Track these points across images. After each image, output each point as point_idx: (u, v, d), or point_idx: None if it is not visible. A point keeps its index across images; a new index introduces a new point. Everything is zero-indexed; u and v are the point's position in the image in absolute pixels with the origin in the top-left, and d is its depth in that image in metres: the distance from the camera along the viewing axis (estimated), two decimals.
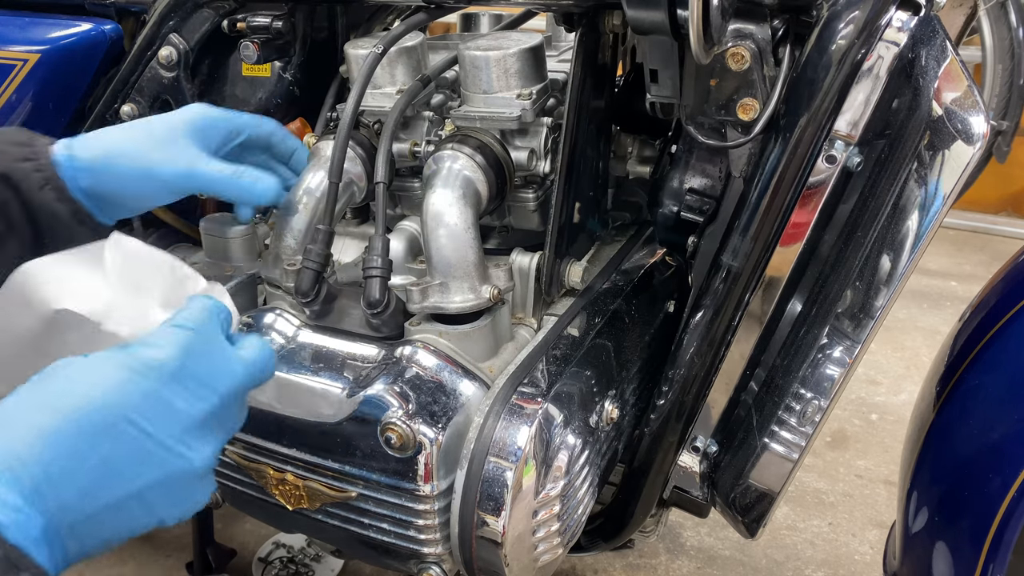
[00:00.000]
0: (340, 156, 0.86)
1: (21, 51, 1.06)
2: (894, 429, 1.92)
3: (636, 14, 0.74)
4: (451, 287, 0.84)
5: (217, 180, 0.81)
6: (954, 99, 0.76)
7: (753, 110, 0.81)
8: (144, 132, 0.82)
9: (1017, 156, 2.59)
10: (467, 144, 0.88)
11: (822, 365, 0.87)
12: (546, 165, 0.94)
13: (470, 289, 0.84)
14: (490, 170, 0.88)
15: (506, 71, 0.90)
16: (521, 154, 0.92)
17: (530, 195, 0.95)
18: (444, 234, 0.84)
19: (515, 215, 0.98)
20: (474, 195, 0.87)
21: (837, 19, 0.75)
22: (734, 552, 1.57)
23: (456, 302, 0.84)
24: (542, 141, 0.93)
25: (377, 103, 0.97)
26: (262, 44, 1.03)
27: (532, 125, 0.92)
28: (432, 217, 0.85)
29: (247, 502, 0.94)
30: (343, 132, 0.86)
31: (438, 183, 0.86)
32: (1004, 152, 2.41)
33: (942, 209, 0.78)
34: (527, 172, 0.93)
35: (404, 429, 0.78)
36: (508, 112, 0.90)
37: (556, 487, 0.81)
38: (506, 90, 0.91)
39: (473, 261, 0.84)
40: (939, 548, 0.86)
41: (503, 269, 0.88)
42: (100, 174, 0.79)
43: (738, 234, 0.84)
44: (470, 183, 0.87)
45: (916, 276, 0.98)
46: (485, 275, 0.86)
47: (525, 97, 0.90)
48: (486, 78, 0.91)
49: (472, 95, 0.92)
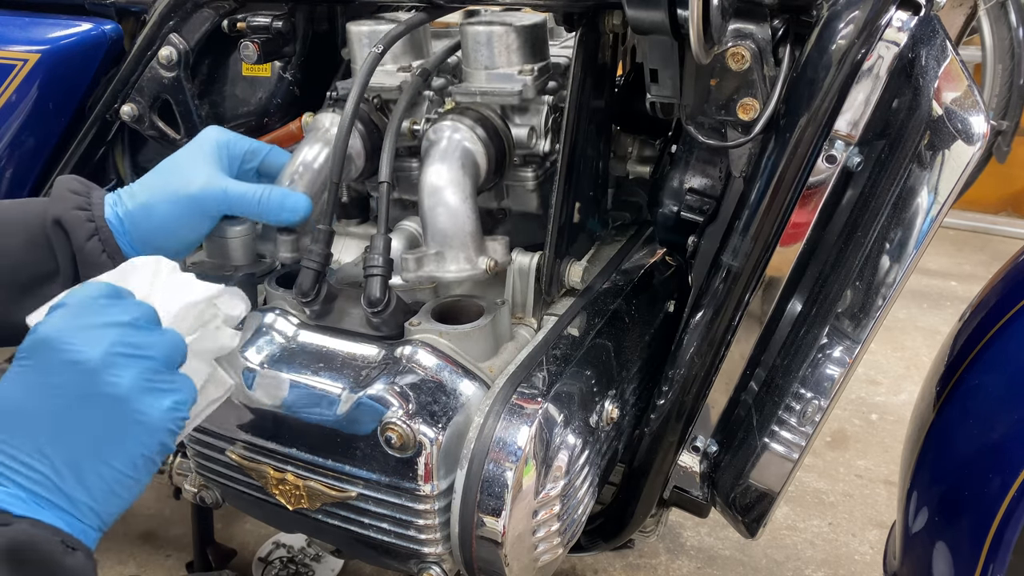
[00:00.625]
0: (340, 156, 0.85)
1: (21, 51, 1.06)
2: (894, 429, 1.92)
3: (636, 14, 0.74)
4: (447, 256, 0.83)
5: (246, 199, 0.83)
6: (954, 99, 0.76)
7: (753, 110, 0.81)
8: (174, 167, 0.84)
9: (1017, 156, 2.59)
10: (467, 116, 0.88)
11: (822, 365, 0.87)
12: (546, 144, 0.94)
13: (466, 259, 0.84)
14: (490, 143, 0.88)
15: (508, 47, 0.90)
16: (521, 131, 0.92)
17: (529, 174, 0.95)
18: (441, 203, 0.83)
19: (513, 196, 0.97)
20: (473, 166, 0.86)
21: (837, 19, 0.75)
22: (734, 552, 1.57)
23: (451, 271, 0.83)
24: (543, 119, 0.93)
25: (377, 80, 0.96)
26: (262, 44, 1.03)
27: (533, 103, 0.92)
28: (429, 185, 0.84)
29: (247, 502, 0.94)
30: (343, 132, 0.86)
31: (437, 152, 0.86)
32: (1004, 152, 2.41)
33: (942, 209, 0.78)
34: (527, 150, 0.93)
35: (404, 429, 0.78)
36: (510, 87, 0.90)
37: (556, 487, 0.81)
38: (507, 66, 0.91)
39: (470, 231, 0.84)
40: (939, 548, 0.86)
41: (501, 242, 0.87)
42: (143, 220, 0.82)
43: (738, 234, 0.84)
44: (469, 154, 0.86)
45: (916, 276, 0.98)
46: (482, 246, 0.85)
47: (527, 73, 0.90)
48: (488, 53, 0.90)
49: (473, 71, 0.92)
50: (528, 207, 0.97)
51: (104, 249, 0.80)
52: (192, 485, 1.06)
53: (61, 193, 0.82)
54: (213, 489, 0.97)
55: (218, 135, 0.86)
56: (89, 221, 0.81)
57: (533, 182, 0.95)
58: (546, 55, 0.95)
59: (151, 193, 0.83)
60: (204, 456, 0.93)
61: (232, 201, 0.83)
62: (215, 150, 0.85)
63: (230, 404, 0.86)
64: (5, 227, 0.80)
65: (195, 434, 0.92)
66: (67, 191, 0.82)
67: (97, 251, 0.80)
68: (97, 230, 0.81)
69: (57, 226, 0.80)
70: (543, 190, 0.96)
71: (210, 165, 0.83)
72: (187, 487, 1.12)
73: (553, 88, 0.95)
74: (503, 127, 0.90)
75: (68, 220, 0.80)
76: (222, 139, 0.86)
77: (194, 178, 0.82)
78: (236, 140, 0.87)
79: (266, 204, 0.83)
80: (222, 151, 0.85)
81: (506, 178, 0.94)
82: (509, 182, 0.95)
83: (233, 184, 0.83)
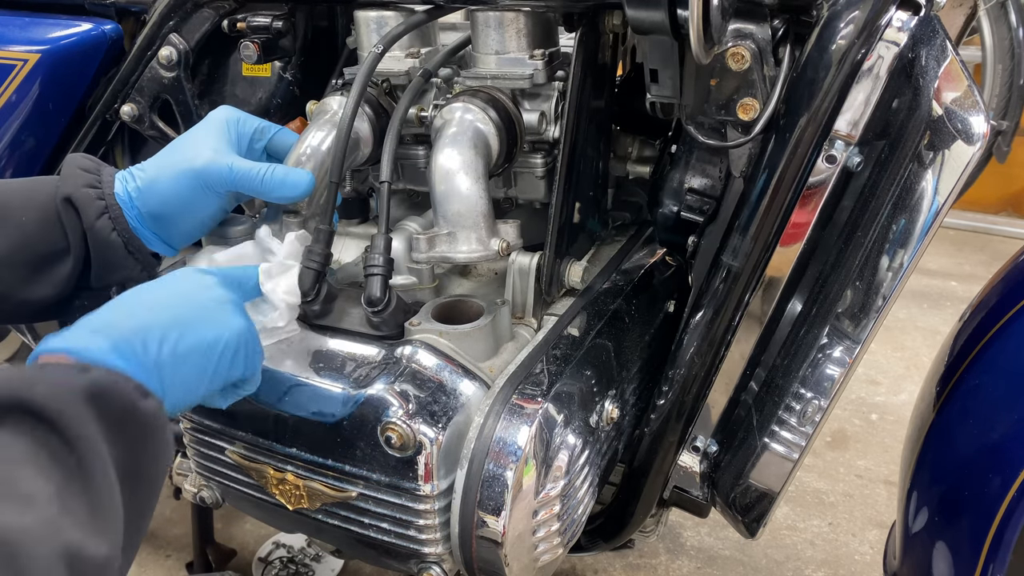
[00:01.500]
0: (340, 156, 0.85)
1: (21, 51, 1.06)
2: (894, 429, 1.92)
3: (636, 14, 0.74)
4: (459, 237, 0.83)
5: (250, 175, 0.83)
6: (954, 99, 0.76)
7: (753, 110, 0.81)
8: (182, 143, 0.85)
9: (1017, 156, 2.59)
10: (479, 97, 0.88)
11: (822, 365, 0.87)
12: (555, 130, 0.94)
13: (478, 240, 0.83)
14: (502, 125, 0.88)
15: (519, 31, 0.90)
16: (532, 116, 0.92)
17: (538, 160, 0.95)
18: (453, 183, 0.83)
19: (521, 184, 0.97)
20: (485, 147, 0.86)
21: (837, 19, 0.75)
22: (734, 552, 1.57)
23: (463, 252, 0.83)
24: (552, 105, 0.93)
25: (384, 66, 0.95)
26: (262, 44, 1.03)
27: (543, 88, 0.92)
28: (441, 166, 0.84)
29: (247, 502, 0.94)
30: (343, 132, 0.86)
31: (448, 133, 0.85)
32: (1004, 152, 2.41)
33: (942, 209, 0.78)
34: (536, 136, 0.93)
35: (404, 429, 0.78)
36: (520, 71, 0.89)
37: (556, 487, 0.81)
38: (518, 51, 0.90)
39: (482, 212, 0.83)
40: (939, 548, 0.86)
41: (512, 225, 0.86)
42: (148, 195, 0.83)
43: (738, 234, 0.84)
44: (481, 135, 0.86)
45: (916, 276, 0.98)
46: (494, 228, 0.85)
47: (538, 58, 0.90)
48: (499, 37, 0.90)
49: (484, 56, 0.92)
50: (536, 195, 0.97)
51: (115, 227, 0.82)
52: (192, 485, 1.06)
53: (71, 171, 0.82)
54: (213, 489, 0.97)
55: (228, 114, 0.87)
56: (99, 199, 0.81)
57: (542, 169, 0.95)
58: (556, 41, 0.94)
59: (159, 169, 0.84)
60: (204, 456, 0.93)
61: (237, 176, 0.83)
62: (224, 127, 0.85)
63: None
64: (16, 205, 0.80)
65: (195, 434, 0.92)
66: (77, 169, 0.83)
67: (107, 229, 0.81)
68: (107, 208, 0.82)
69: (68, 204, 0.80)
70: (551, 177, 0.96)
71: (218, 141, 0.84)
72: (187, 487, 1.12)
73: (562, 76, 0.95)
74: (515, 110, 0.90)
75: (79, 198, 0.80)
76: (232, 117, 0.87)
77: (200, 153, 0.83)
78: (246, 119, 0.88)
79: (269, 181, 0.83)
80: (231, 129, 0.86)
81: (515, 164, 0.94)
82: (518, 169, 0.95)
83: (238, 161, 0.83)
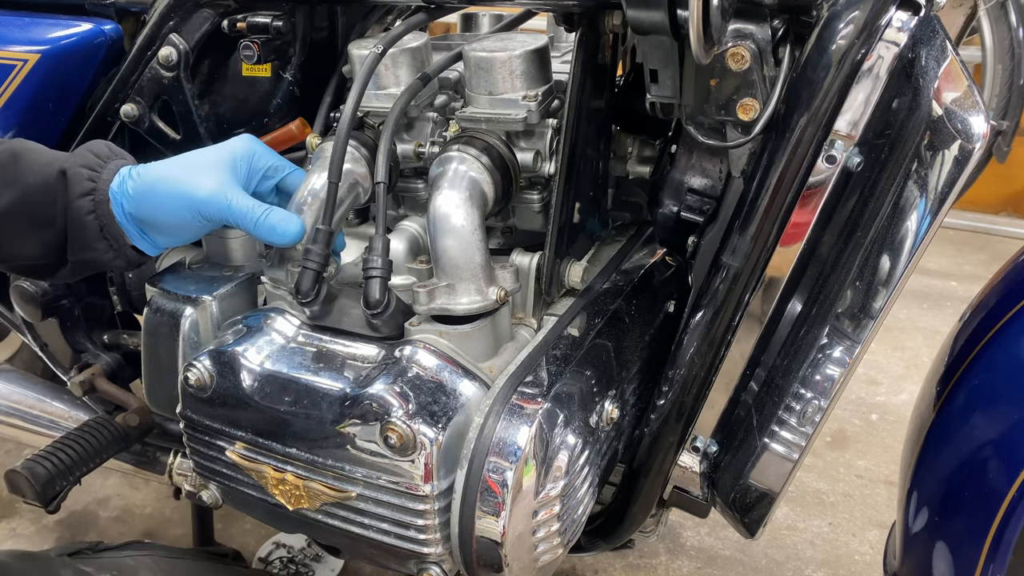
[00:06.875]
0: (340, 156, 0.86)
1: (21, 51, 1.06)
2: (894, 429, 1.92)
3: (636, 14, 0.74)
4: (458, 289, 0.84)
5: (247, 216, 0.85)
6: (954, 99, 0.76)
7: (753, 110, 0.81)
8: (191, 164, 0.87)
9: (1017, 156, 2.59)
10: (473, 145, 0.88)
11: (822, 365, 0.87)
12: (551, 166, 0.94)
13: (477, 291, 0.84)
14: (496, 171, 0.88)
15: (512, 72, 0.90)
16: (527, 155, 0.92)
17: (535, 196, 0.95)
18: (451, 236, 0.84)
19: (519, 216, 0.98)
20: (480, 196, 0.87)
21: (837, 19, 0.75)
22: (734, 552, 1.57)
23: (463, 304, 0.84)
24: (547, 143, 0.93)
25: (382, 104, 0.97)
26: (262, 44, 1.03)
27: (537, 127, 0.92)
28: (439, 219, 0.85)
29: (247, 502, 0.94)
30: (343, 132, 0.86)
31: (444, 184, 0.86)
32: (1004, 152, 2.41)
33: (942, 209, 0.78)
34: (532, 173, 0.93)
35: (404, 429, 0.78)
36: (514, 114, 0.89)
37: (556, 487, 0.81)
38: (512, 91, 0.91)
39: (480, 263, 0.84)
40: (939, 548, 0.86)
41: (509, 271, 0.87)
42: (142, 200, 0.85)
43: (738, 234, 0.84)
44: (476, 184, 0.87)
45: (916, 276, 0.98)
46: (491, 276, 0.86)
47: (531, 99, 0.90)
48: (492, 79, 0.91)
49: (477, 96, 0.92)
50: (533, 226, 0.98)
51: (94, 210, 0.84)
52: (192, 485, 1.06)
53: (83, 151, 0.86)
54: (213, 489, 0.97)
55: (246, 145, 0.89)
56: (89, 180, 0.84)
57: (539, 204, 0.96)
58: (549, 77, 0.94)
59: (160, 181, 0.85)
60: (204, 456, 0.93)
61: (233, 214, 0.85)
62: (235, 159, 0.87)
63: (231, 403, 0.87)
64: (33, 168, 0.84)
65: (195, 434, 0.92)
66: (88, 151, 0.86)
67: (85, 209, 0.84)
68: (93, 191, 0.84)
69: (62, 176, 0.83)
70: (548, 210, 0.96)
71: (226, 173, 0.86)
72: (187, 487, 1.12)
73: (556, 108, 0.95)
74: (508, 154, 0.91)
75: (71, 174, 0.84)
76: (248, 151, 0.88)
77: (203, 183, 0.84)
78: (262, 154, 0.90)
79: (262, 225, 0.85)
80: (243, 162, 0.87)
81: (512, 200, 0.94)
82: (515, 203, 0.96)
83: (238, 199, 0.85)
